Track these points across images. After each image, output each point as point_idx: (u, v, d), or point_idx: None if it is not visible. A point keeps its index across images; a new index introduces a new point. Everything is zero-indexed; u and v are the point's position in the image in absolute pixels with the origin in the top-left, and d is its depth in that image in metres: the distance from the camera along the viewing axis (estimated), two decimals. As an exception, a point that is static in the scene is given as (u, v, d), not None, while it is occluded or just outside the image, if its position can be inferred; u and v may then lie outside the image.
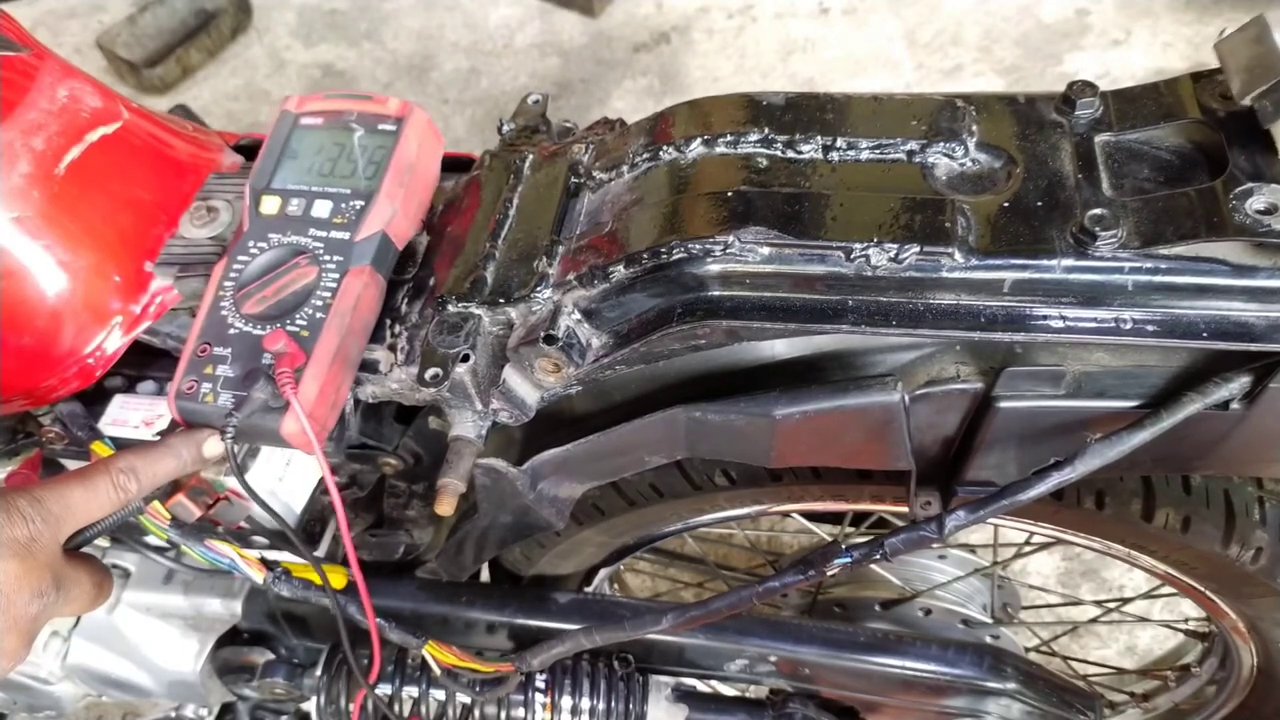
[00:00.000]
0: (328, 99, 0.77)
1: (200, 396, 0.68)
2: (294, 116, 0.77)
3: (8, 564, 0.57)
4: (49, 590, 0.60)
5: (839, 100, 0.69)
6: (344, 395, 0.71)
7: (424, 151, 0.76)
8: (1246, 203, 0.54)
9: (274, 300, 0.70)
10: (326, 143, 0.75)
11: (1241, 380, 0.61)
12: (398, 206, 0.73)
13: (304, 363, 0.67)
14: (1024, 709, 0.95)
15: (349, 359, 0.70)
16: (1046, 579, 1.72)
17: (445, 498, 0.68)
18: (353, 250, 0.71)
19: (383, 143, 0.74)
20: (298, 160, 0.75)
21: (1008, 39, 2.40)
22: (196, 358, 0.69)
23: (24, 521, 0.58)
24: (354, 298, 0.69)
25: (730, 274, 0.62)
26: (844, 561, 0.68)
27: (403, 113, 0.75)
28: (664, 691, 1.01)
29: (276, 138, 0.76)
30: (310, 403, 0.66)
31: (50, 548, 0.60)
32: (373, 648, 0.81)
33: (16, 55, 0.71)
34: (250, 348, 0.69)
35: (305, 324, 0.69)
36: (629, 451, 0.76)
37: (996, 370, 0.65)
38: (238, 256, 0.72)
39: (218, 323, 0.70)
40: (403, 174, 0.74)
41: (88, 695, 1.09)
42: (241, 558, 0.76)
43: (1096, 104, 0.64)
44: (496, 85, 2.51)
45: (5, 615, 0.57)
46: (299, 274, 0.70)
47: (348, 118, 0.76)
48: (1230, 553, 0.85)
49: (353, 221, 0.72)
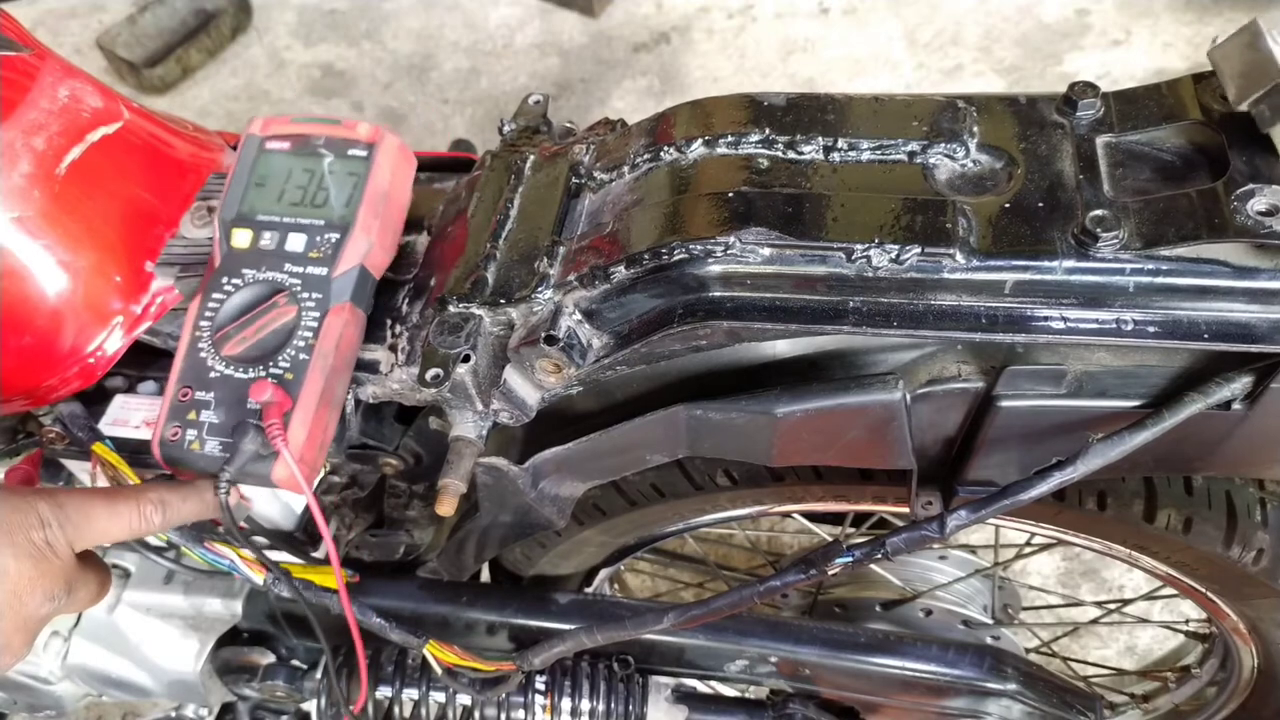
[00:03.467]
0: (294, 122, 0.74)
1: (185, 444, 0.67)
2: (259, 140, 0.74)
3: (24, 566, 0.58)
4: (60, 594, 0.61)
5: (840, 101, 0.69)
6: (331, 433, 0.70)
7: (397, 178, 0.74)
8: (1248, 204, 0.54)
9: (254, 341, 0.69)
10: (295, 169, 0.73)
11: (1243, 381, 0.61)
12: (374, 238, 0.71)
13: (291, 408, 0.66)
14: (1024, 710, 0.95)
15: (335, 398, 0.70)
16: (1047, 580, 1.72)
17: (446, 498, 0.68)
18: (331, 287, 0.69)
19: (354, 169, 0.72)
20: (266, 188, 0.72)
21: (1008, 39, 2.40)
22: (178, 402, 0.68)
23: (43, 526, 0.59)
24: (336, 337, 0.69)
25: (731, 275, 0.62)
26: (845, 560, 0.68)
27: (374, 138, 0.73)
28: (664, 692, 1.01)
29: (243, 163, 0.73)
30: (299, 448, 0.66)
31: (65, 554, 0.61)
32: (370, 649, 0.81)
33: (17, 55, 0.71)
34: (233, 392, 0.68)
35: (289, 366, 0.68)
36: (630, 450, 0.76)
37: (998, 369, 0.65)
38: (212, 294, 0.71)
39: (197, 365, 0.69)
40: (377, 204, 0.72)
41: (88, 695, 1.09)
42: (241, 559, 0.76)
43: (1098, 105, 0.64)
44: (496, 85, 2.51)
45: (16, 615, 0.58)
46: (278, 314, 0.69)
47: (315, 142, 0.73)
48: (1232, 554, 0.85)
49: (329, 256, 0.70)
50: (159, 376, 0.80)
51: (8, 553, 0.57)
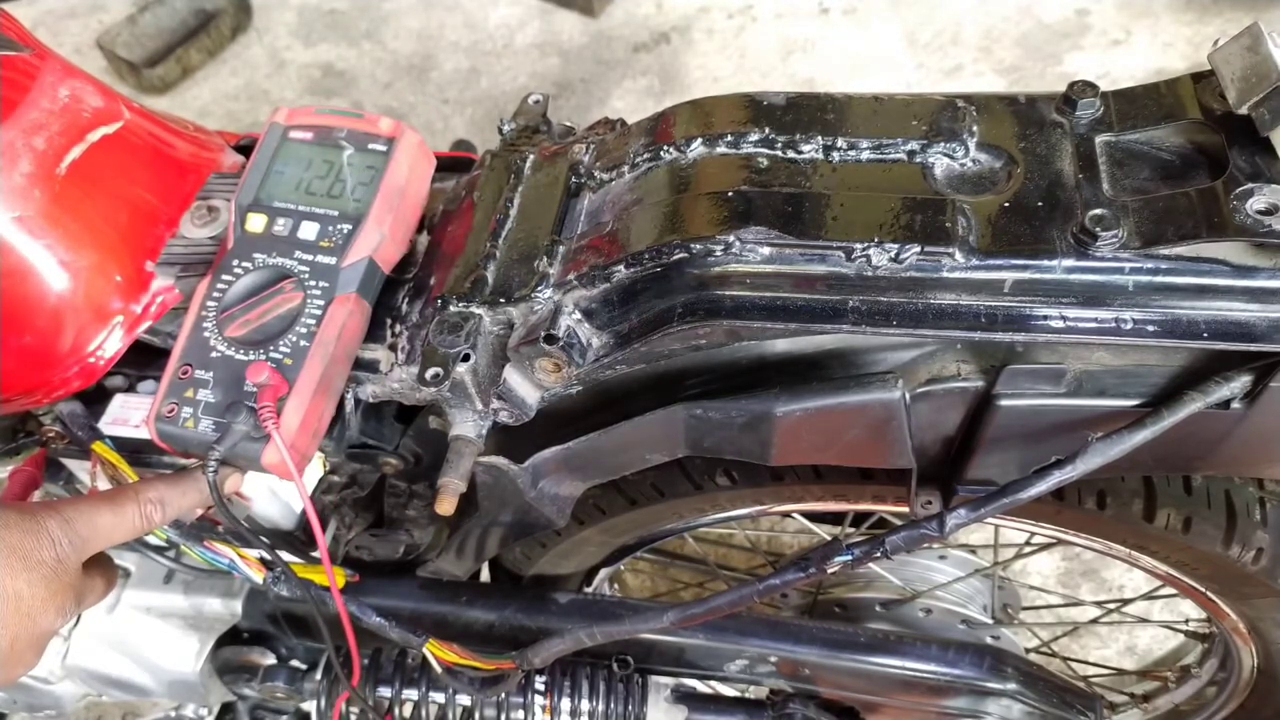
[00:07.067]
0: (318, 113, 0.75)
1: (181, 421, 0.67)
2: (283, 129, 0.75)
3: (37, 589, 0.59)
4: (70, 607, 0.62)
5: (839, 100, 0.69)
6: (326, 423, 0.71)
7: (414, 174, 0.75)
8: (1247, 203, 0.54)
9: (257, 324, 0.69)
10: (315, 159, 0.74)
11: (1242, 380, 0.61)
12: (386, 232, 0.72)
13: (286, 393, 0.66)
14: (1024, 709, 0.95)
15: (332, 388, 0.70)
16: (1046, 579, 1.72)
17: (446, 497, 0.68)
18: (339, 276, 0.70)
19: (373, 163, 0.73)
20: (285, 176, 0.73)
21: (1008, 39, 2.40)
22: (178, 380, 0.69)
23: (53, 544, 0.60)
24: (338, 326, 0.69)
25: (731, 274, 0.62)
26: (845, 559, 0.68)
27: (394, 133, 0.73)
28: (663, 692, 1.01)
29: (264, 151, 0.75)
30: (292, 434, 0.66)
31: (75, 568, 0.62)
32: (370, 649, 0.81)
33: (18, 55, 0.71)
34: (232, 373, 0.68)
35: (289, 351, 0.68)
36: (630, 449, 0.76)
37: (997, 368, 0.65)
38: (221, 275, 0.71)
39: (200, 345, 0.70)
40: (392, 198, 0.72)
41: (88, 695, 1.09)
42: (241, 558, 0.76)
43: (1097, 104, 0.64)
44: (496, 85, 2.51)
45: (29, 634, 0.59)
46: (283, 299, 0.70)
47: (338, 134, 0.74)
48: (1231, 553, 0.85)
49: (339, 246, 0.71)
50: (159, 376, 0.80)
51: (21, 577, 0.58)
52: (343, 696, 0.98)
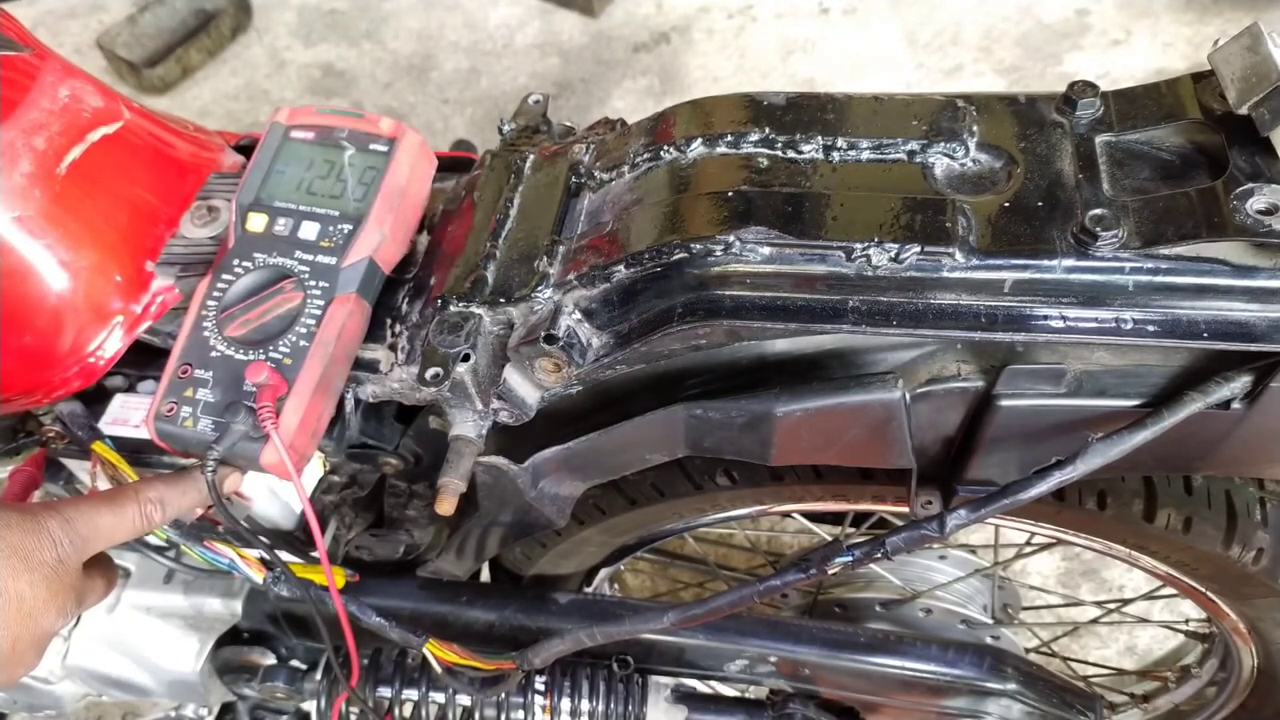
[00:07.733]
0: (319, 113, 0.75)
1: (180, 420, 0.67)
2: (284, 129, 0.75)
3: (38, 590, 0.59)
4: (71, 607, 0.62)
5: (839, 100, 0.69)
6: (325, 423, 0.71)
7: (415, 175, 0.75)
8: (1247, 203, 0.54)
9: (257, 324, 0.69)
10: (316, 159, 0.74)
11: (1242, 380, 0.61)
12: (386, 232, 0.72)
13: (285, 393, 0.66)
14: (1024, 709, 0.95)
15: (331, 388, 0.70)
16: (1046, 579, 1.72)
17: (446, 497, 0.68)
18: (339, 277, 0.70)
19: (374, 163, 0.73)
20: (286, 176, 0.74)
21: (1008, 39, 2.40)
22: (177, 379, 0.69)
23: (54, 545, 0.60)
24: (338, 327, 0.69)
25: (731, 274, 0.62)
26: (845, 560, 0.68)
27: (395, 133, 0.73)
28: (663, 693, 1.01)
29: (266, 150, 0.75)
30: (291, 434, 0.66)
31: (76, 568, 0.62)
32: (370, 649, 0.81)
33: (18, 55, 0.71)
34: (231, 373, 0.68)
35: (288, 351, 0.68)
36: (630, 449, 0.76)
37: (997, 368, 0.65)
38: (222, 275, 0.72)
39: (200, 344, 0.70)
40: (393, 199, 0.72)
41: (88, 695, 1.09)
42: (241, 558, 0.76)
43: (1097, 104, 0.64)
44: (496, 85, 2.51)
45: (30, 635, 0.60)
46: (283, 299, 0.70)
47: (339, 134, 0.74)
48: (1231, 553, 0.85)
49: (340, 246, 0.71)
50: (159, 376, 0.80)
51: (23, 578, 0.58)
52: (342, 696, 0.98)
